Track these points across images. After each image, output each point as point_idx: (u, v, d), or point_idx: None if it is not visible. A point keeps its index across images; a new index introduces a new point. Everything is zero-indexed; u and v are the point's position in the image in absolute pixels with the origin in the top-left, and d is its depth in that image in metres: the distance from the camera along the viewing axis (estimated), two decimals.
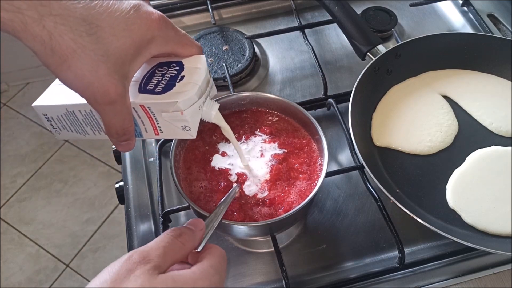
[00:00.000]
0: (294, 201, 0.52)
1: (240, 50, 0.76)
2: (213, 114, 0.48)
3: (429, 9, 0.85)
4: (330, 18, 0.72)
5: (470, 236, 0.54)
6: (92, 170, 1.82)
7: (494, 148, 0.61)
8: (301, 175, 0.54)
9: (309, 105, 0.69)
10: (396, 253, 0.55)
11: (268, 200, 0.52)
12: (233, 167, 0.55)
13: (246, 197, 0.53)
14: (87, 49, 0.37)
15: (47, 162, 1.86)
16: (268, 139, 0.57)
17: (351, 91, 0.61)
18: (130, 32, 0.39)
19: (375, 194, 0.57)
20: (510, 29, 0.78)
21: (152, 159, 0.67)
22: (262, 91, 0.73)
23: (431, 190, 0.59)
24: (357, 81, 0.62)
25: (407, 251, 0.55)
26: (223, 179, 0.54)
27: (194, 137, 0.46)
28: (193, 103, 0.44)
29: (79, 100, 0.42)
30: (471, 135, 0.63)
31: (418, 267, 0.56)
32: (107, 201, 1.74)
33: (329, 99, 0.68)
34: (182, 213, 0.60)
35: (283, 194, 0.53)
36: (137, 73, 0.45)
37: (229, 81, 0.70)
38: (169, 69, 0.45)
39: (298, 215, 0.51)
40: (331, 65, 0.77)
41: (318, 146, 0.56)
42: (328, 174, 0.60)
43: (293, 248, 0.58)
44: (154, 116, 0.45)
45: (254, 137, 0.58)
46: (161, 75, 0.45)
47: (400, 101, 0.66)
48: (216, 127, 0.54)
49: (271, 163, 0.55)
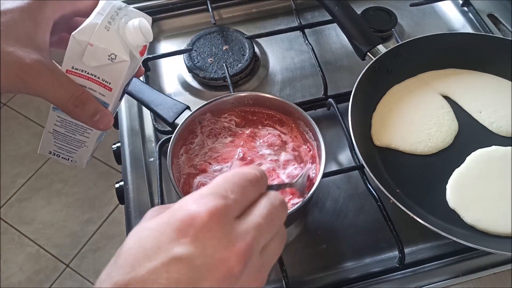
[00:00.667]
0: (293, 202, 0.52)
1: (240, 50, 0.76)
2: (134, 24, 0.44)
3: (429, 9, 0.85)
4: (330, 18, 0.72)
5: (470, 236, 0.54)
6: (92, 170, 1.82)
7: (494, 148, 0.61)
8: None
9: (309, 105, 0.69)
10: (396, 253, 0.55)
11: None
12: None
13: None
14: None
15: (47, 162, 1.86)
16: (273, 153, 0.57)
17: (351, 91, 0.61)
18: (16, 3, 0.40)
19: (375, 194, 0.57)
20: (510, 29, 0.78)
21: (152, 159, 0.67)
22: (262, 91, 0.73)
23: (431, 190, 0.59)
24: (357, 81, 0.62)
25: (407, 251, 0.55)
26: None
27: (128, 60, 0.44)
28: (95, 28, 0.42)
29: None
30: (471, 135, 0.63)
31: (418, 267, 0.56)
32: (107, 201, 1.74)
33: (329, 99, 0.68)
34: None
35: (282, 194, 0.53)
36: None
37: (229, 81, 0.70)
38: None
39: (296, 215, 0.51)
40: (331, 65, 0.77)
41: (317, 146, 0.56)
42: (328, 174, 0.60)
43: (293, 248, 0.58)
44: (84, 71, 0.44)
45: (259, 155, 0.57)
46: None
47: (400, 101, 0.66)
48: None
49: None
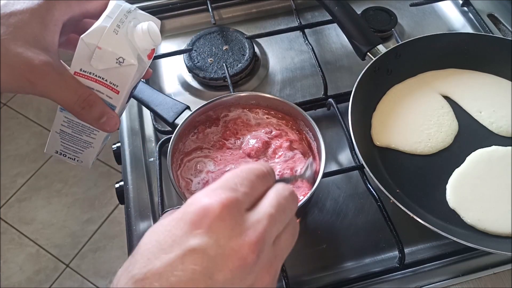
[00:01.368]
0: None
1: (240, 50, 0.76)
2: (142, 28, 0.44)
3: (429, 9, 0.85)
4: (330, 18, 0.72)
5: (470, 236, 0.54)
6: (92, 170, 1.81)
7: (494, 148, 0.61)
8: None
9: (309, 105, 0.69)
10: (396, 253, 0.55)
11: None
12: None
13: None
14: None
15: (47, 162, 1.86)
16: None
17: (351, 91, 0.61)
18: (25, 4, 0.41)
19: (375, 194, 0.57)
20: (510, 29, 0.78)
21: (152, 159, 0.67)
22: (262, 91, 0.73)
23: (431, 190, 0.59)
24: (357, 81, 0.62)
25: (407, 251, 0.55)
26: None
27: (136, 64, 0.44)
28: (103, 32, 0.42)
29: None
30: (471, 135, 0.63)
31: (418, 267, 0.56)
32: (107, 201, 1.74)
33: (329, 99, 0.68)
34: None
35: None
36: None
37: (229, 81, 0.70)
38: None
39: (296, 214, 0.51)
40: (331, 65, 0.77)
41: (317, 146, 0.56)
42: (328, 174, 0.60)
43: (293, 248, 0.58)
44: (92, 74, 0.44)
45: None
46: None
47: (400, 101, 0.66)
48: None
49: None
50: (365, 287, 0.55)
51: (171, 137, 0.56)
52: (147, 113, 0.71)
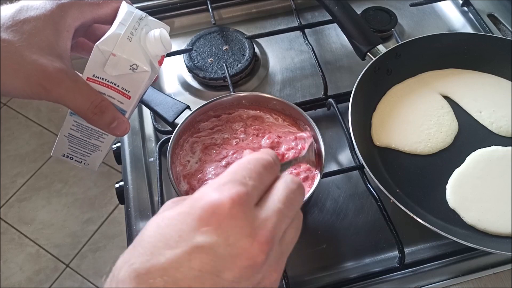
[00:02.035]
0: None
1: (240, 50, 0.76)
2: (155, 35, 0.45)
3: (429, 9, 0.85)
4: (330, 18, 0.72)
5: (470, 236, 0.54)
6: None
7: (494, 148, 0.61)
8: (300, 176, 0.54)
9: (309, 105, 0.69)
10: (396, 253, 0.55)
11: None
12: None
13: None
14: (12, 47, 0.39)
15: (47, 162, 1.86)
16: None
17: (351, 91, 0.61)
18: (38, 11, 0.41)
19: (375, 194, 0.57)
20: (510, 29, 0.78)
21: (152, 159, 0.67)
22: (262, 91, 0.73)
23: (431, 190, 0.59)
24: (357, 81, 0.62)
25: (407, 251, 0.55)
26: None
27: (149, 71, 0.45)
28: (118, 39, 0.43)
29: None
30: (471, 135, 0.63)
31: (418, 267, 0.56)
32: (107, 201, 1.74)
33: (329, 99, 0.68)
34: None
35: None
36: None
37: (229, 81, 0.70)
38: None
39: None
40: (331, 65, 0.77)
41: (317, 146, 0.56)
42: (328, 174, 0.60)
43: (293, 248, 0.58)
44: (105, 80, 0.45)
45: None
46: None
47: (400, 101, 0.66)
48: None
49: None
50: (365, 287, 0.55)
51: (171, 137, 0.56)
52: (147, 113, 0.71)
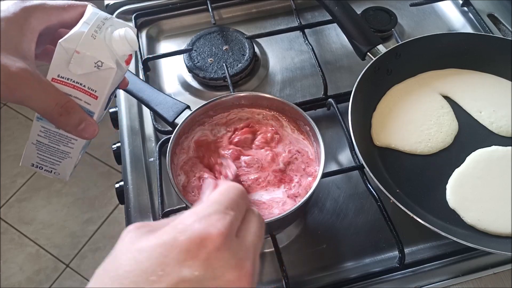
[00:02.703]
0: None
1: (240, 50, 0.76)
2: (120, 33, 0.45)
3: (429, 9, 0.85)
4: (330, 18, 0.72)
5: (470, 236, 0.54)
6: (92, 170, 1.82)
7: (494, 148, 0.61)
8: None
9: (309, 105, 0.69)
10: (396, 253, 0.55)
11: (266, 200, 0.52)
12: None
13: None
14: None
15: None
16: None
17: (351, 91, 0.61)
18: (2, 13, 0.41)
19: (375, 194, 0.57)
20: (510, 29, 0.78)
21: (152, 159, 0.67)
22: (262, 91, 0.73)
23: (431, 190, 0.59)
24: (357, 81, 0.62)
25: (407, 251, 0.55)
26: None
27: (115, 68, 0.44)
28: (81, 36, 0.43)
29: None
30: (471, 135, 0.63)
31: (418, 267, 0.56)
32: (107, 201, 1.74)
33: (329, 99, 0.68)
34: None
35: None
36: None
37: (229, 81, 0.70)
38: None
39: (295, 214, 0.51)
40: (331, 65, 0.77)
41: (316, 146, 0.56)
42: (328, 174, 0.60)
43: (293, 248, 0.58)
44: (70, 80, 0.44)
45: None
46: None
47: (400, 101, 0.66)
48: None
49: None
50: (365, 287, 0.55)
51: (171, 137, 0.56)
52: (147, 112, 0.71)
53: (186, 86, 0.75)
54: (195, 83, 0.75)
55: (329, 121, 0.68)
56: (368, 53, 0.66)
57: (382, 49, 0.66)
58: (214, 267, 0.29)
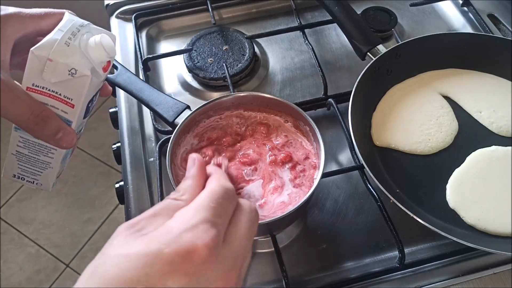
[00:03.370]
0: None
1: (240, 50, 0.76)
2: (95, 40, 0.44)
3: (429, 9, 0.85)
4: (330, 18, 0.72)
5: (470, 236, 0.54)
6: (92, 170, 1.82)
7: (494, 148, 0.61)
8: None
9: (309, 105, 0.69)
10: (396, 253, 0.55)
11: (265, 200, 0.52)
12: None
13: (245, 196, 0.53)
14: None
15: None
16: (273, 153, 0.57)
17: (351, 91, 0.61)
18: None
19: (375, 194, 0.57)
20: (510, 29, 0.78)
21: (152, 159, 0.67)
22: (262, 91, 0.73)
23: (431, 190, 0.59)
24: (357, 81, 0.62)
25: (407, 251, 0.55)
26: None
27: (89, 75, 0.43)
28: (54, 44, 0.42)
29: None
30: (471, 135, 0.63)
31: (418, 267, 0.56)
32: (107, 201, 1.74)
33: (329, 99, 0.68)
34: None
35: None
36: None
37: (229, 81, 0.70)
38: None
39: (295, 214, 0.51)
40: (331, 65, 0.77)
41: (316, 146, 0.56)
42: (328, 174, 0.60)
43: (293, 248, 0.58)
44: (45, 88, 0.43)
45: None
46: None
47: (400, 101, 0.66)
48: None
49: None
50: (365, 287, 0.55)
51: (171, 137, 0.56)
52: (147, 112, 0.71)
53: (186, 86, 0.75)
54: (195, 83, 0.75)
55: (329, 121, 0.68)
56: (368, 53, 0.66)
57: (382, 49, 0.66)
58: (199, 280, 0.29)
